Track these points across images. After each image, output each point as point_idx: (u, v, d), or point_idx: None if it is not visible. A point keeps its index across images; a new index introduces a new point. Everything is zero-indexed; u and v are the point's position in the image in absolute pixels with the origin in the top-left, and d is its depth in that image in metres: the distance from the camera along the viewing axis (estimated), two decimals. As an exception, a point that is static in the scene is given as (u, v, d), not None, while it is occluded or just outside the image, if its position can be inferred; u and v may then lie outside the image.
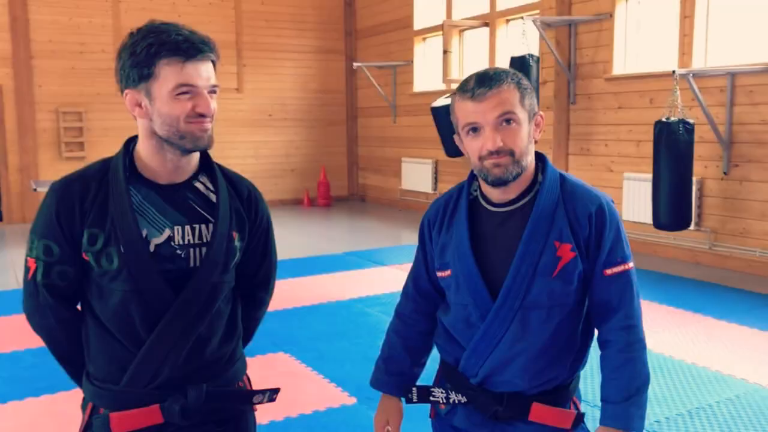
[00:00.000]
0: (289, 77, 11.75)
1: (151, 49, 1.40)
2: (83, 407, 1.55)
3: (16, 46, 9.69)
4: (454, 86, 9.39)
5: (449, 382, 1.62)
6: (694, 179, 6.30)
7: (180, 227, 1.47)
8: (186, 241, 1.47)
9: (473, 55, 9.75)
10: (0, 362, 4.11)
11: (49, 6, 9.86)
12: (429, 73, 10.44)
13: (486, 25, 9.20)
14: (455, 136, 1.58)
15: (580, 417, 1.55)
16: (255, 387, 1.74)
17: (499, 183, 1.50)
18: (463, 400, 1.58)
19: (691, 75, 6.05)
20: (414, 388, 1.65)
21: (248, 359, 3.95)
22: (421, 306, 1.70)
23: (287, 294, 5.69)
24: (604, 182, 7.52)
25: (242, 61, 11.32)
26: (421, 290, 1.69)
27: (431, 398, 1.63)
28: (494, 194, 1.56)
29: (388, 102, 11.21)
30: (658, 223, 6.07)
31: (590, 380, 3.39)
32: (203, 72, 1.42)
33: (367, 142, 12.15)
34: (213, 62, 1.48)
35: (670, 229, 6.05)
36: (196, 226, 1.49)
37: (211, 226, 1.51)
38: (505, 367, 1.53)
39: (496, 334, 1.51)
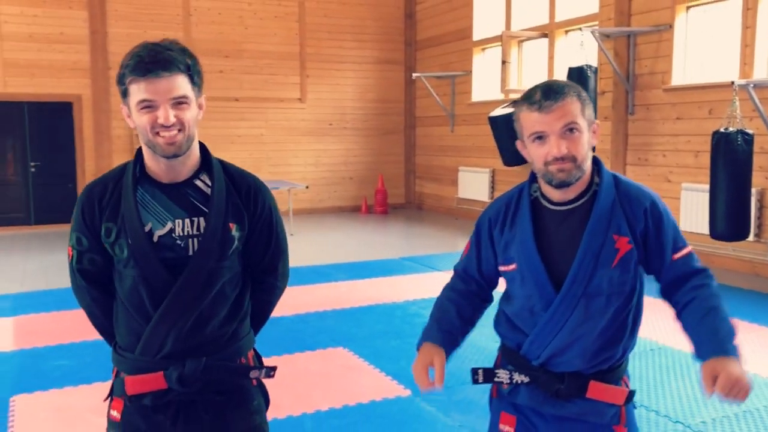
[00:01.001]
0: (349, 87, 12.06)
1: (123, 69, 1.62)
2: (112, 372, 1.82)
3: (95, 59, 10.30)
4: (513, 96, 9.52)
5: (511, 364, 1.75)
6: (754, 190, 6.27)
7: (180, 220, 1.66)
8: (185, 233, 1.66)
9: (532, 66, 9.84)
10: (88, 348, 4.46)
11: (126, 20, 10.44)
12: (487, 83, 10.58)
13: (545, 36, 9.29)
14: (518, 143, 1.72)
15: (631, 394, 1.71)
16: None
17: (562, 185, 1.65)
18: (526, 380, 1.71)
19: (751, 86, 6.03)
20: (480, 370, 1.76)
21: (309, 353, 4.23)
22: (472, 288, 1.85)
23: (345, 295, 5.93)
24: (662, 192, 7.51)
25: (305, 72, 11.69)
26: (472, 278, 1.84)
27: (495, 379, 1.75)
28: (555, 194, 1.70)
29: (446, 111, 11.38)
30: (716, 233, 6.05)
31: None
32: (162, 87, 1.58)
33: (425, 150, 12.35)
34: (189, 75, 1.64)
35: (728, 239, 6.03)
36: (195, 219, 1.67)
37: None
38: (567, 349, 1.67)
39: (560, 320, 1.65)
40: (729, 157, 5.84)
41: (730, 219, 5.92)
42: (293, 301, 5.74)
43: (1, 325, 5.09)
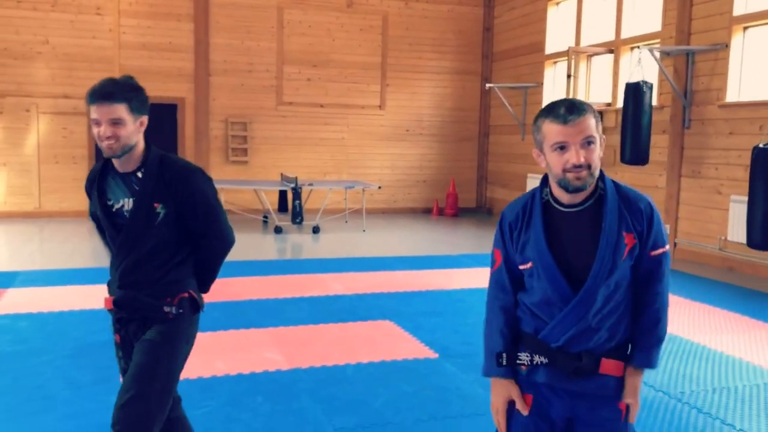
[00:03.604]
0: (426, 96, 12.81)
1: (87, 96, 2.31)
2: None
3: (198, 66, 11.50)
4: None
5: (528, 347, 1.94)
6: (797, 204, 6.56)
7: (127, 199, 2.37)
8: (128, 207, 2.37)
9: (599, 79, 10.27)
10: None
11: (226, 31, 11.60)
12: (557, 94, 11.07)
13: (611, 51, 9.73)
14: (534, 150, 1.94)
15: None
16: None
17: (577, 190, 1.86)
18: (545, 361, 1.91)
19: (792, 104, 6.36)
20: (504, 353, 1.95)
21: (360, 323, 5.10)
22: (515, 295, 2.01)
23: (400, 281, 6.68)
24: (713, 204, 7.86)
25: (386, 81, 12.54)
26: (515, 281, 2.00)
27: (518, 361, 1.95)
28: (566, 198, 1.90)
29: (517, 121, 11.94)
30: (752, 242, 6.41)
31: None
32: (103, 111, 2.24)
33: (496, 157, 12.93)
34: (127, 103, 2.28)
35: (763, 248, 6.37)
36: (134, 198, 2.37)
37: None
38: (584, 333, 1.88)
39: (581, 309, 1.86)
40: (766, 171, 6.20)
41: (766, 229, 6.27)
42: (353, 284, 6.56)
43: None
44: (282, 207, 11.20)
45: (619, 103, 9.01)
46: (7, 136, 10.75)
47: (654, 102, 8.42)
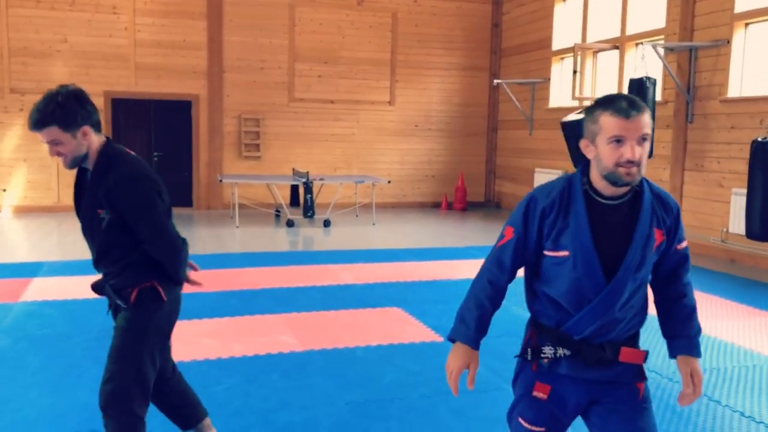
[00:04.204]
0: (435, 92, 13.03)
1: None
2: None
3: (211, 63, 11.77)
4: (586, 103, 10.19)
5: (549, 341, 1.96)
6: (795, 196, 6.74)
7: (86, 200, 2.53)
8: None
9: (605, 75, 10.45)
10: (193, 296, 5.68)
11: (239, 29, 11.86)
12: (564, 90, 11.26)
13: (616, 47, 9.90)
14: (583, 142, 1.92)
15: (647, 354, 2.02)
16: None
17: (625, 185, 1.88)
18: (568, 353, 1.94)
19: (790, 99, 6.53)
20: (529, 349, 1.98)
21: (370, 309, 5.35)
22: (511, 277, 2.02)
23: (409, 272, 6.92)
24: (714, 197, 8.03)
25: (395, 77, 12.76)
26: (517, 264, 2.00)
27: (542, 355, 1.97)
28: (609, 190, 1.91)
29: (525, 116, 12.13)
30: (751, 233, 6.59)
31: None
32: (41, 136, 2.40)
33: (505, 152, 13.13)
34: (55, 124, 2.36)
35: (761, 239, 6.56)
36: (83, 200, 2.54)
37: None
38: (609, 324, 1.92)
39: (609, 302, 1.89)
40: (764, 164, 6.39)
41: (764, 220, 6.46)
42: (363, 274, 6.80)
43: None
44: (294, 201, 11.47)
45: (624, 99, 9.18)
46: (27, 133, 11.05)
47: (658, 97, 8.60)
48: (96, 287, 2.65)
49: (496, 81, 12.17)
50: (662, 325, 2.06)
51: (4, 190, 11.15)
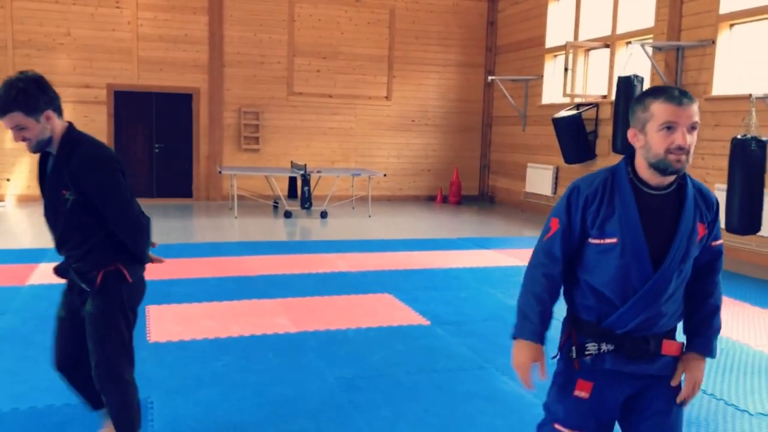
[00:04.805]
0: (432, 87, 13.27)
1: None
2: None
3: (212, 57, 12.00)
4: (577, 100, 10.43)
5: (590, 337, 1.94)
6: (774, 192, 7.02)
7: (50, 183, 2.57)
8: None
9: (597, 73, 10.69)
10: (200, 282, 5.93)
11: (239, 24, 12.09)
12: (556, 87, 11.50)
13: (607, 46, 10.14)
14: (630, 131, 1.93)
15: (682, 346, 2.03)
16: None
17: (675, 173, 1.88)
18: (612, 348, 1.93)
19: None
20: (574, 347, 1.96)
21: (362, 295, 5.63)
22: (563, 266, 1.99)
23: (402, 261, 7.18)
24: (699, 192, 8.28)
25: (392, 73, 12.99)
26: (567, 253, 1.98)
27: (586, 352, 1.95)
28: (655, 180, 1.90)
29: (519, 112, 12.37)
30: (730, 227, 6.85)
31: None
32: (5, 122, 2.40)
33: (499, 147, 13.37)
34: (18, 109, 2.38)
35: (740, 233, 6.82)
36: (47, 182, 2.58)
37: None
38: (653, 317, 1.91)
39: (656, 293, 1.89)
40: (743, 160, 6.65)
41: (743, 215, 6.72)
42: (357, 263, 7.06)
43: (136, 265, 6.67)
44: (292, 193, 11.71)
45: (614, 96, 9.43)
46: None
47: (645, 95, 8.83)
48: (59, 271, 2.66)
49: (490, 77, 12.42)
50: (683, 321, 2.06)
51: (8, 180, 11.39)
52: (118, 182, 2.55)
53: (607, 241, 1.90)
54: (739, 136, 6.74)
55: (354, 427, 3.24)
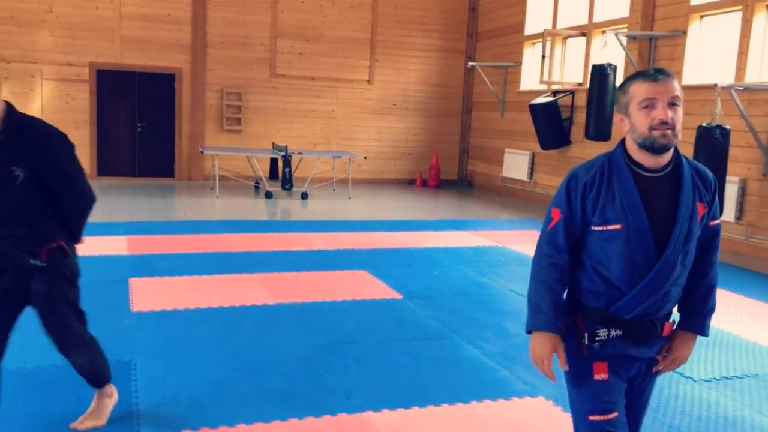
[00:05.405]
0: (413, 72, 13.44)
1: None
2: None
3: (195, 37, 12.07)
4: (554, 87, 10.66)
5: (598, 323, 1.93)
6: (737, 179, 7.31)
7: None
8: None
9: (573, 61, 10.93)
10: (181, 257, 6.11)
11: (223, 5, 12.15)
12: (535, 74, 11.71)
13: (584, 34, 10.37)
14: (616, 117, 1.95)
15: (673, 324, 2.05)
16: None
17: (663, 149, 1.86)
18: (620, 332, 1.93)
19: (733, 89, 7.06)
20: (586, 333, 1.95)
21: (339, 272, 5.85)
22: (570, 255, 1.98)
23: (379, 240, 7.40)
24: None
25: (374, 57, 13.14)
26: (571, 241, 1.96)
27: (596, 338, 1.94)
28: (649, 161, 1.90)
29: (498, 98, 12.59)
30: (694, 211, 7.13)
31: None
32: None
33: (478, 133, 13.60)
34: None
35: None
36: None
37: None
38: (659, 301, 1.91)
39: (662, 277, 1.88)
40: (708, 148, 6.92)
41: (706, 200, 7.00)
42: (335, 241, 7.27)
43: (118, 240, 6.82)
44: (273, 174, 11.87)
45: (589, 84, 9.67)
46: (12, 101, 11.00)
47: (619, 83, 9.08)
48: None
49: (470, 63, 12.61)
50: (679, 299, 2.06)
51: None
52: (74, 156, 2.66)
53: (610, 227, 1.89)
54: (704, 125, 7.01)
55: (326, 387, 3.47)
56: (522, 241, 7.64)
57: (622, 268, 1.89)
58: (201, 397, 3.28)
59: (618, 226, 1.88)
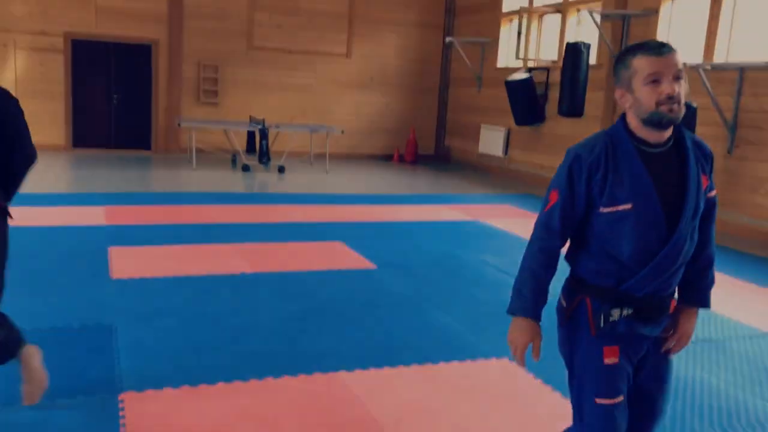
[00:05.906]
0: (391, 47, 13.48)
1: None
2: None
3: (172, 9, 11.97)
4: (530, 64, 10.80)
5: (608, 302, 1.89)
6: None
7: None
8: None
9: (549, 38, 11.06)
10: (158, 228, 6.19)
11: (200, -24, 12.07)
12: (511, 50, 11.84)
13: (559, 12, 10.49)
14: (617, 92, 1.90)
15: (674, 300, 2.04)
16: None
17: (670, 123, 1.82)
18: (631, 311, 1.89)
19: (701, 68, 7.26)
20: (602, 315, 1.89)
21: (316, 243, 6.00)
22: (563, 241, 1.94)
23: (354, 213, 7.54)
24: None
25: (353, 30, 13.15)
26: (567, 226, 1.92)
27: (611, 318, 1.89)
28: (652, 136, 1.86)
29: (474, 74, 12.70)
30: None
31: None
32: None
33: (455, 108, 13.72)
34: None
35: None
36: None
37: None
38: (670, 277, 1.90)
39: (676, 251, 1.86)
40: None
41: (672, 176, 7.23)
42: (312, 214, 7.39)
43: (96, 210, 6.88)
44: (250, 148, 11.87)
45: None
46: None
47: (592, 61, 9.26)
48: None
49: (448, 39, 12.70)
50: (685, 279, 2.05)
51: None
52: (23, 112, 2.71)
53: (620, 208, 1.85)
54: (672, 102, 7.20)
55: (301, 349, 3.62)
56: (496, 216, 7.82)
57: (633, 247, 1.85)
58: (181, 358, 3.41)
59: (628, 206, 1.84)
